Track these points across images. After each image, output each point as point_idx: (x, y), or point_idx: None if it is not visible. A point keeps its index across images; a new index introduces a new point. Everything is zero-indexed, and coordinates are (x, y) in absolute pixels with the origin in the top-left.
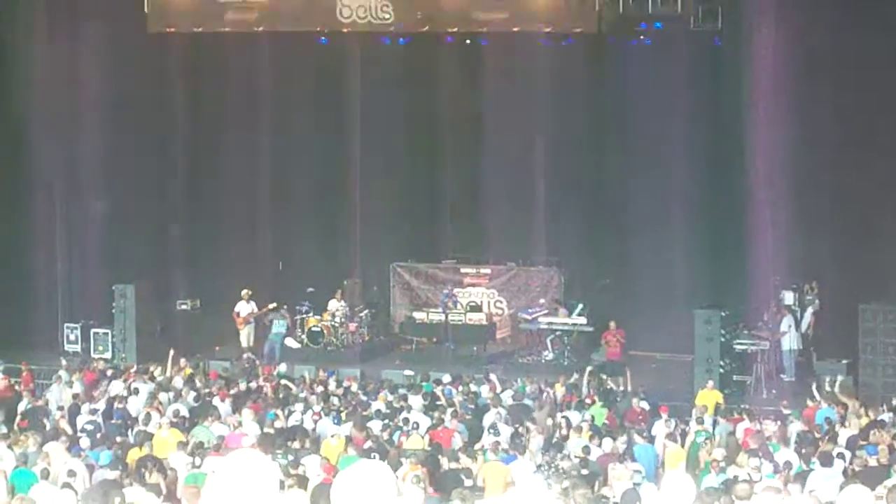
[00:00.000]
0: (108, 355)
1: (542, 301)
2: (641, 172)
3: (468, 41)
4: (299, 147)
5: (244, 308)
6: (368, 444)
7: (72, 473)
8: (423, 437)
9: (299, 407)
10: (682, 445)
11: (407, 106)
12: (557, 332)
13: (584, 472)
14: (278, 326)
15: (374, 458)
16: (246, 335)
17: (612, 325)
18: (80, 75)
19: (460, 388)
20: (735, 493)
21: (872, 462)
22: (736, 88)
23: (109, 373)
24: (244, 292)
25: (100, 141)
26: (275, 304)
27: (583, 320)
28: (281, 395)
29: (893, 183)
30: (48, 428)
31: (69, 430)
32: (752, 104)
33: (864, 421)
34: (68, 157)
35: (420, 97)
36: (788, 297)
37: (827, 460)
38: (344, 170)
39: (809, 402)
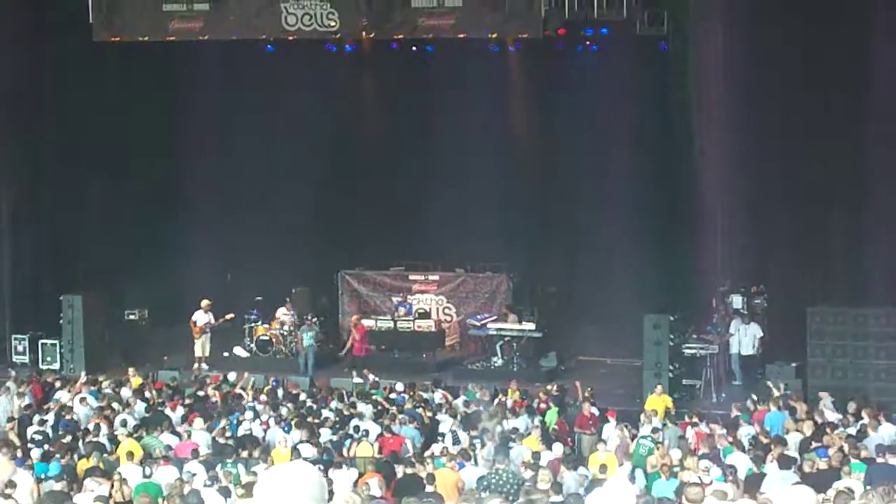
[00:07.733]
0: (56, 366)
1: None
2: (590, 178)
3: (414, 48)
4: (246, 155)
5: (201, 318)
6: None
7: (11, 485)
8: (372, 445)
9: (249, 415)
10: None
11: (353, 113)
12: (507, 339)
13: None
14: (308, 339)
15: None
16: (201, 345)
17: (355, 318)
18: (27, 84)
19: (412, 396)
20: (687, 495)
21: (822, 465)
22: (683, 93)
23: (58, 384)
24: (204, 302)
25: (47, 149)
26: (232, 315)
27: (531, 326)
28: (229, 404)
29: (841, 186)
30: None
31: (17, 442)
32: (698, 109)
33: (811, 424)
34: (15, 166)
35: (366, 104)
36: (737, 301)
37: (785, 462)
38: (290, 177)
39: (759, 406)
